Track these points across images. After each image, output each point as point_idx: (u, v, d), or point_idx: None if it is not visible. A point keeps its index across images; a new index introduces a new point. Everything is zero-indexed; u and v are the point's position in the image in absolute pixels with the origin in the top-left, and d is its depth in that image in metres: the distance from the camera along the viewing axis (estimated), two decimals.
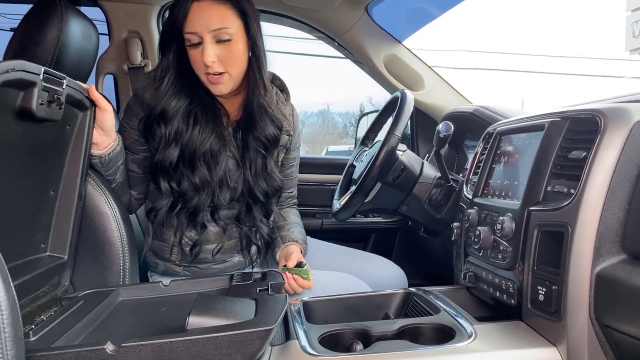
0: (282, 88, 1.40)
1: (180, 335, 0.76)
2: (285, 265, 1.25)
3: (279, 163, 1.39)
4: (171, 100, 1.21)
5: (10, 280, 0.66)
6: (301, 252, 1.34)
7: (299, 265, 1.25)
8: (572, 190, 0.84)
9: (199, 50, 1.17)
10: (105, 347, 0.73)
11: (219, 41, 1.16)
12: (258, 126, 1.27)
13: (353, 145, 2.59)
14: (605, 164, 0.81)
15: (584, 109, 0.89)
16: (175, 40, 1.20)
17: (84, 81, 1.55)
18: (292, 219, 1.48)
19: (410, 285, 1.38)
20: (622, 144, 0.81)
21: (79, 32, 1.40)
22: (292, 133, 1.41)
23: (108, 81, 1.86)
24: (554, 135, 0.93)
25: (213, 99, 1.28)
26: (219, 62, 1.17)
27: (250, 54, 1.22)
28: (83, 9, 1.57)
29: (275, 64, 1.33)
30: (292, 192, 1.53)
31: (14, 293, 0.66)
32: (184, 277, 1.29)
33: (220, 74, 1.18)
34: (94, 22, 1.53)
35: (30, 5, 1.37)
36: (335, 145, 10.51)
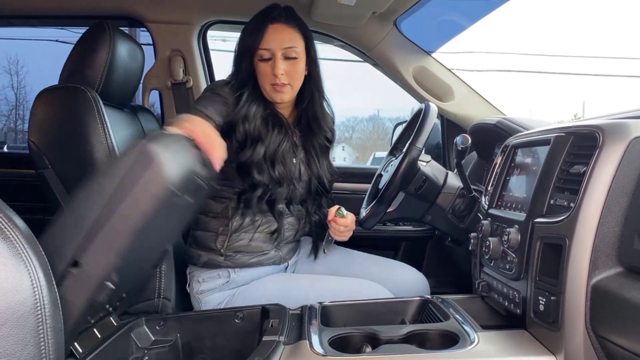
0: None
1: None
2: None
3: None
4: (252, 106, 1.39)
5: (54, 280, 0.76)
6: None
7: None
8: (571, 204, 0.87)
9: (269, 64, 1.38)
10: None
11: (287, 58, 1.38)
12: (321, 129, 1.51)
13: None
14: (602, 179, 0.83)
15: (586, 124, 0.91)
16: (248, 56, 1.39)
17: (132, 97, 1.70)
18: None
19: (438, 293, 1.41)
20: (619, 159, 0.82)
21: (126, 53, 1.54)
22: (331, 131, 1.60)
23: (153, 96, 2.01)
24: (559, 150, 0.95)
25: (275, 108, 1.46)
26: (286, 74, 1.38)
27: (310, 70, 1.45)
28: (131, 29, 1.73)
29: (326, 71, 1.53)
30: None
31: (56, 292, 0.76)
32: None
33: (284, 85, 1.38)
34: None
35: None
36: (383, 152, 10.41)
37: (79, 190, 0.83)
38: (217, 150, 1.07)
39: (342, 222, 1.44)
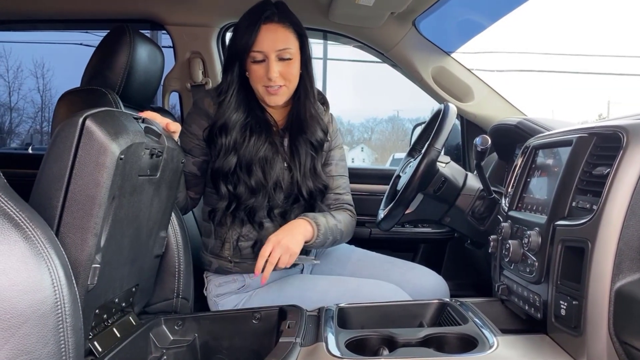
0: (323, 101, 1.53)
1: None
2: None
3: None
4: (232, 113, 1.36)
5: (74, 280, 0.78)
6: (310, 225, 1.35)
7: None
8: (594, 207, 0.85)
9: (262, 65, 1.33)
10: None
11: (281, 59, 1.33)
12: (309, 131, 1.43)
13: None
14: (626, 181, 0.81)
15: (609, 125, 0.89)
16: (239, 58, 1.35)
17: (152, 99, 1.72)
18: (336, 214, 1.47)
19: (457, 296, 1.39)
20: None
21: (146, 55, 1.56)
22: (329, 138, 1.52)
23: (173, 97, 2.03)
24: (581, 151, 0.93)
25: (264, 111, 1.42)
26: (280, 76, 1.33)
27: (302, 70, 1.39)
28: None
29: (345, 72, 1.47)
30: (339, 193, 1.54)
31: (76, 291, 0.78)
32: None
33: (279, 87, 1.34)
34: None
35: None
36: (402, 153, 10.35)
37: (38, 183, 0.86)
38: (160, 119, 1.12)
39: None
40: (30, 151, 3.21)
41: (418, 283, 1.46)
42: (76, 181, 0.84)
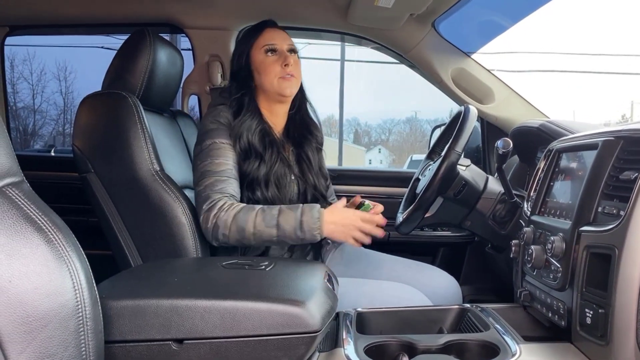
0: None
1: (234, 337, 0.84)
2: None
3: None
4: (254, 119, 1.41)
5: (94, 281, 0.78)
6: None
7: (360, 205, 1.41)
8: (621, 212, 0.82)
9: (276, 56, 1.43)
10: (170, 343, 0.84)
11: (290, 51, 1.45)
12: (313, 134, 1.52)
13: None
14: None
15: (637, 128, 0.87)
16: (248, 58, 1.45)
17: (171, 102, 1.73)
18: None
19: (477, 300, 1.38)
20: None
21: (166, 59, 1.57)
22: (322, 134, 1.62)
23: (192, 101, 2.04)
24: (607, 155, 0.91)
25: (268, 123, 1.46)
26: (292, 67, 1.42)
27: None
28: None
29: (360, 73, 1.55)
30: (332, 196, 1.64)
31: (96, 292, 0.78)
32: None
33: (292, 76, 1.42)
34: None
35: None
36: (420, 155, 10.31)
37: None
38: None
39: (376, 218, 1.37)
40: (52, 153, 3.27)
41: (431, 285, 1.45)
42: None
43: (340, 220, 1.31)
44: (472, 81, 1.87)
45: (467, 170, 1.48)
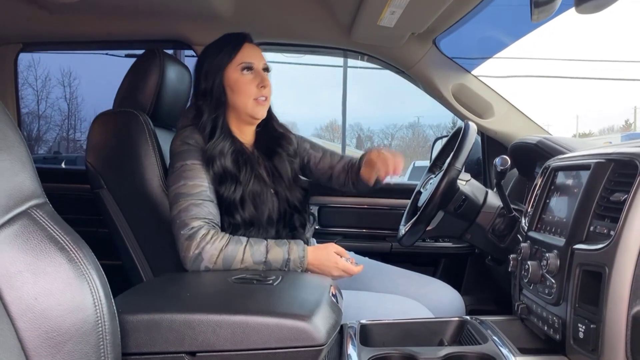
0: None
1: (244, 350, 0.89)
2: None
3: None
4: (225, 141, 1.35)
5: (112, 296, 0.83)
6: None
7: None
8: (612, 232, 0.87)
9: (252, 74, 1.38)
10: (183, 355, 0.89)
11: (265, 69, 1.42)
12: (285, 143, 1.49)
13: None
14: None
15: (626, 152, 0.91)
16: (219, 76, 1.37)
17: (179, 117, 1.78)
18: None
19: (478, 311, 1.41)
20: None
21: (175, 77, 1.62)
22: (293, 142, 1.55)
23: None
24: (599, 176, 0.95)
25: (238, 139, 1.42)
26: (267, 87, 1.39)
27: None
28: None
29: (363, 79, 1.54)
30: (341, 156, 1.64)
31: (114, 307, 0.83)
32: None
33: (266, 98, 1.40)
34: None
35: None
36: (423, 161, 10.33)
37: None
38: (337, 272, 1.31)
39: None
40: (63, 166, 3.32)
41: (434, 298, 1.49)
42: None
43: (324, 261, 1.32)
44: (472, 96, 1.92)
45: (467, 184, 1.53)
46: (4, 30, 1.98)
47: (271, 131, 1.49)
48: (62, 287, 0.76)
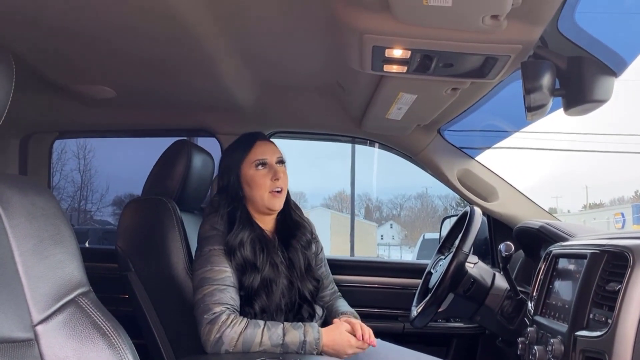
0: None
1: None
2: None
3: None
4: (245, 230, 1.43)
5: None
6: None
7: None
8: (609, 320, 0.93)
9: (266, 169, 1.47)
10: None
11: (279, 162, 1.50)
12: (299, 232, 1.54)
13: None
14: (636, 298, 0.91)
15: (618, 244, 1.00)
16: (237, 171, 1.48)
17: (202, 200, 1.90)
18: (340, 302, 1.64)
19: None
20: None
21: (200, 164, 1.76)
22: (314, 235, 1.63)
23: None
24: (595, 266, 1.03)
25: (259, 227, 1.49)
26: (282, 179, 1.47)
27: None
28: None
29: (371, 150, 1.61)
30: (333, 288, 1.69)
31: None
32: None
33: (282, 190, 1.48)
34: None
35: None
36: (432, 233, 10.33)
37: None
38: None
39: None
40: (87, 245, 3.44)
41: None
42: None
43: (338, 341, 1.37)
44: (476, 181, 2.02)
45: (475, 267, 1.60)
46: (42, 120, 2.15)
47: (286, 218, 1.56)
48: None
